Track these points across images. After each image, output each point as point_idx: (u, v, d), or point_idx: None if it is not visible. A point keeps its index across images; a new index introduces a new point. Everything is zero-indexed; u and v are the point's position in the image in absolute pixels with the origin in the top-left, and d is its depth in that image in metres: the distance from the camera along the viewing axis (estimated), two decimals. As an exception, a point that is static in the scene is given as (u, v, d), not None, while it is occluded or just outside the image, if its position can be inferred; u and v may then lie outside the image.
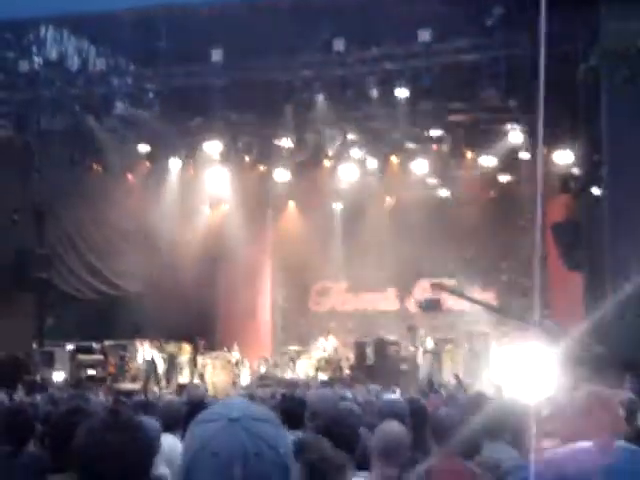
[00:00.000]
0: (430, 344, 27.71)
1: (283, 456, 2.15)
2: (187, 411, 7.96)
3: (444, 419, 6.43)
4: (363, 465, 5.87)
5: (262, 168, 29.15)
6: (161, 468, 6.13)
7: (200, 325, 28.78)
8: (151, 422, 6.15)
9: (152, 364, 27.02)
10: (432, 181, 28.55)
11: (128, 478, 3.19)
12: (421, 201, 28.32)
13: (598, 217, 20.17)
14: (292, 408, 7.44)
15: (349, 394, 12.82)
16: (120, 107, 24.26)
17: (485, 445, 7.08)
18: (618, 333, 17.16)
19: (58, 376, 24.60)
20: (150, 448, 3.38)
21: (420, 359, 27.72)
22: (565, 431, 3.81)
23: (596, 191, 20.80)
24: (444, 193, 28.77)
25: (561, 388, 14.04)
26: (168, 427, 7.37)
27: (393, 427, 6.21)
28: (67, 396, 9.49)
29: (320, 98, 23.83)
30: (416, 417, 7.40)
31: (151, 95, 24.76)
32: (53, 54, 23.48)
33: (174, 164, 28.16)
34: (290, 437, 2.33)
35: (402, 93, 23.13)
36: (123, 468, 3.17)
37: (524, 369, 25.21)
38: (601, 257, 20.18)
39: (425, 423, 7.19)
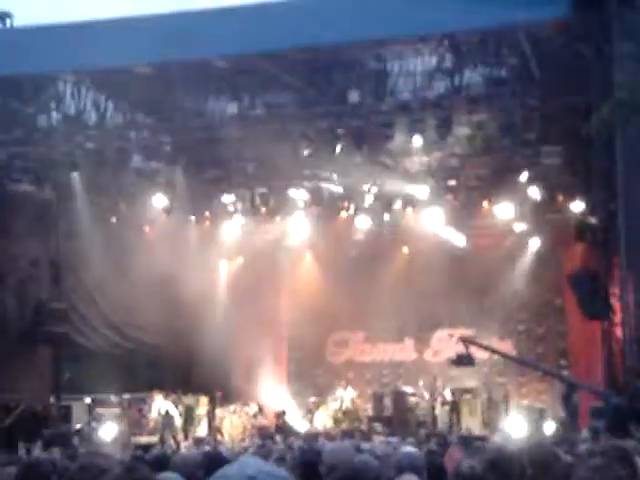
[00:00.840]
0: (448, 394, 27.63)
1: None
2: (205, 465, 7.92)
3: (467, 472, 6.27)
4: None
5: (278, 219, 29.27)
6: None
7: (217, 377, 28.73)
8: (171, 477, 6.08)
9: (169, 417, 26.96)
10: (448, 230, 28.58)
11: None
12: (437, 251, 28.29)
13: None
14: (309, 460, 7.37)
15: (367, 446, 12.73)
16: (137, 160, 24.40)
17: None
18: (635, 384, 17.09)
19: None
20: None
21: (438, 410, 27.63)
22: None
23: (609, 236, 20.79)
24: (460, 242, 28.75)
25: (580, 439, 13.95)
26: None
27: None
28: (85, 452, 9.45)
29: (337, 149, 23.92)
30: (433, 471, 7.35)
31: (168, 148, 24.88)
32: (71, 109, 23.69)
33: (191, 216, 28.31)
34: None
35: (418, 142, 23.14)
36: None
37: (542, 420, 25.21)
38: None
39: (442, 477, 7.13)
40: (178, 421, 27.20)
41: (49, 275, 26.72)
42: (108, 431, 25.72)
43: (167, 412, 26.94)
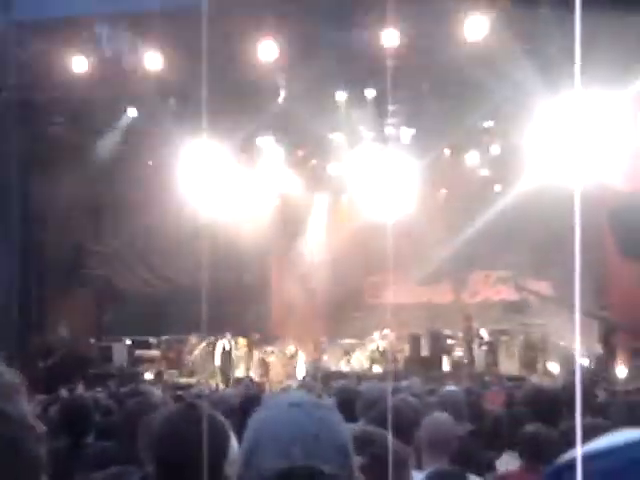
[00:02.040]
0: (485, 335, 27.65)
1: (342, 440, 2.20)
2: (242, 405, 7.99)
3: (533, 434, 6.19)
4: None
5: (314, 162, 29.25)
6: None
7: (255, 319, 28.92)
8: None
9: (208, 359, 27.21)
10: (485, 173, 28.46)
11: (203, 470, 3.23)
12: (474, 192, 28.19)
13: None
14: (346, 399, 7.37)
15: (406, 384, 12.77)
16: (173, 104, 24.41)
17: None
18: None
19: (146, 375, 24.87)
20: (226, 442, 3.41)
21: (476, 351, 27.67)
22: None
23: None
24: (497, 184, 28.59)
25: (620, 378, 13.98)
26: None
27: (439, 417, 6.21)
28: (129, 390, 9.54)
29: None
30: (474, 410, 7.39)
31: (205, 92, 24.77)
32: (109, 52, 23.63)
33: (229, 158, 28.29)
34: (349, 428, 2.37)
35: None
36: (199, 460, 3.20)
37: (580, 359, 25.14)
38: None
39: (482, 417, 7.17)
40: (217, 363, 27.46)
41: (89, 218, 26.91)
42: (148, 372, 26.03)
43: (208, 354, 27.24)
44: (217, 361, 27.44)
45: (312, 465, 2.07)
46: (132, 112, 25.70)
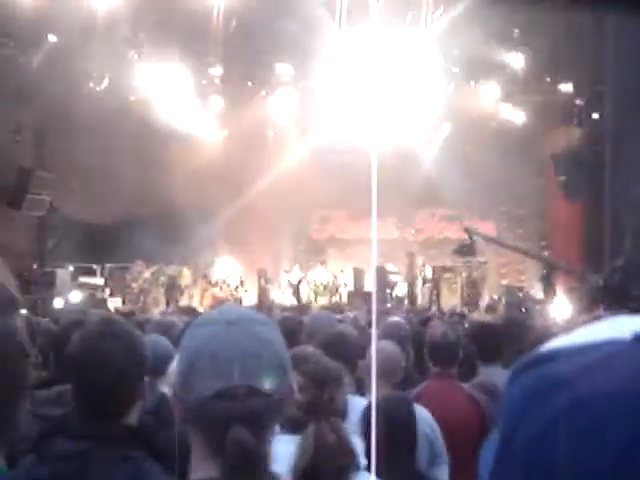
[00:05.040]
0: (429, 272, 27.90)
1: (282, 358, 2.20)
2: (185, 329, 7.97)
3: (440, 339, 6.50)
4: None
5: (263, 94, 29.08)
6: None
7: (199, 249, 28.87)
8: (163, 341, 6.05)
9: (153, 287, 27.24)
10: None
11: (122, 388, 3.19)
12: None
13: (600, 145, 20.17)
14: (289, 328, 7.39)
15: (350, 315, 12.87)
16: (125, 29, 24.17)
17: (481, 369, 7.22)
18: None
19: (58, 303, 24.50)
20: (145, 358, 3.34)
21: (419, 287, 27.93)
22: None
23: (596, 116, 20.76)
24: (446, 123, 28.66)
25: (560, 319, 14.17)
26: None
27: (386, 346, 6.28)
28: (67, 312, 9.52)
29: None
30: (416, 339, 7.47)
31: (154, 17, 24.49)
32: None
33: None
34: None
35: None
36: (116, 377, 3.16)
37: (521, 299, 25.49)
38: (601, 187, 20.22)
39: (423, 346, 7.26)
40: (161, 291, 27.53)
41: (33, 142, 26.54)
42: (90, 298, 25.90)
43: (152, 281, 27.32)
44: (162, 289, 27.48)
45: (251, 384, 2.08)
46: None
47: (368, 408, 4.51)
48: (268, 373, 2.11)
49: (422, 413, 5.36)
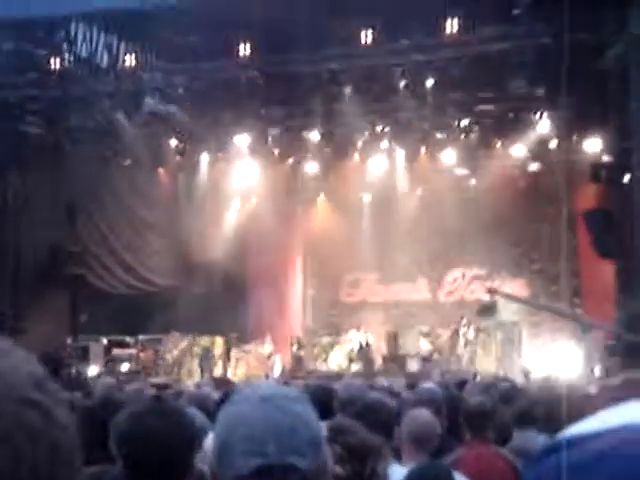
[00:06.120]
0: (472, 334, 27.53)
1: (316, 433, 2.19)
2: (221, 402, 7.94)
3: (476, 407, 6.47)
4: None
5: (291, 161, 29.28)
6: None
7: (232, 318, 28.86)
8: (198, 416, 6.03)
9: (187, 357, 27.24)
10: (461, 171, 28.52)
11: (172, 466, 3.19)
12: (451, 191, 28.25)
13: (629, 204, 20.08)
14: (321, 398, 7.29)
15: (385, 383, 12.74)
16: (150, 103, 24.34)
17: (516, 434, 7.14)
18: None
19: (92, 370, 24.57)
20: (195, 436, 3.36)
21: (461, 349, 27.59)
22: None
23: (627, 178, 20.69)
24: (474, 183, 28.69)
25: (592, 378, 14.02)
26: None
27: (422, 413, 6.24)
28: (101, 386, 9.49)
29: (347, 90, 23.91)
30: (451, 404, 7.40)
31: (181, 90, 24.77)
32: (83, 51, 23.59)
33: (204, 158, 28.33)
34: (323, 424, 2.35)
35: (430, 83, 23.28)
36: (167, 455, 3.16)
37: (554, 359, 25.27)
38: (632, 244, 20.10)
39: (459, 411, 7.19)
40: (195, 362, 27.50)
41: (63, 218, 26.78)
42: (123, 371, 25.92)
43: (185, 353, 27.32)
44: (196, 360, 27.48)
45: (287, 461, 2.07)
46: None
47: (408, 478, 4.47)
48: (303, 449, 2.10)
49: (461, 481, 5.30)
